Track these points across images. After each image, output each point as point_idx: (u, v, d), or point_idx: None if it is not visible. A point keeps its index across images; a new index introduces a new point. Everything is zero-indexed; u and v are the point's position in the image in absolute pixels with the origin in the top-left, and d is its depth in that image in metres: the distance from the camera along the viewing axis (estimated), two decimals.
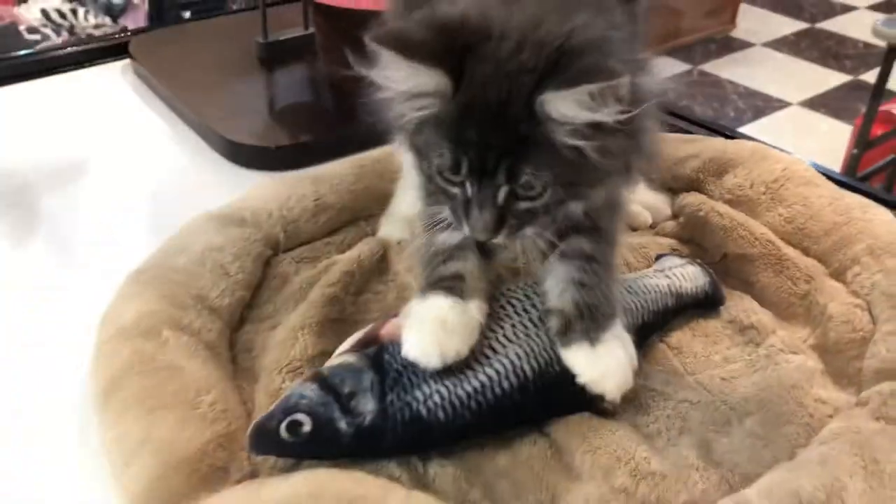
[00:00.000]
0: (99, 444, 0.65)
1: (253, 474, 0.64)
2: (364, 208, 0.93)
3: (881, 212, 0.86)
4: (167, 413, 0.64)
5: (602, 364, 0.67)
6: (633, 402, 0.71)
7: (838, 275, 0.83)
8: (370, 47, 0.55)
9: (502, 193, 0.59)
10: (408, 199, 0.86)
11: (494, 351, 0.67)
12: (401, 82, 0.57)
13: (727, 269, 0.87)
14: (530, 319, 0.69)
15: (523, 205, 0.60)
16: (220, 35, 1.33)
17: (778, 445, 0.67)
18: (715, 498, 0.62)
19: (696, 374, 0.76)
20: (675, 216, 0.95)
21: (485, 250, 0.71)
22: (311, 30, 1.25)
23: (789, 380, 0.72)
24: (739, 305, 0.82)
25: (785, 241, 0.87)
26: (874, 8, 4.57)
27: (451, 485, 0.64)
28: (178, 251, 0.79)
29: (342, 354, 0.67)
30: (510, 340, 0.67)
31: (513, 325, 0.68)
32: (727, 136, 1.06)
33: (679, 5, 3.93)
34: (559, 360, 0.67)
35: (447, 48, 0.56)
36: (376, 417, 0.63)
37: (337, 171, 0.93)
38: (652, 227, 0.95)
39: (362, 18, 0.60)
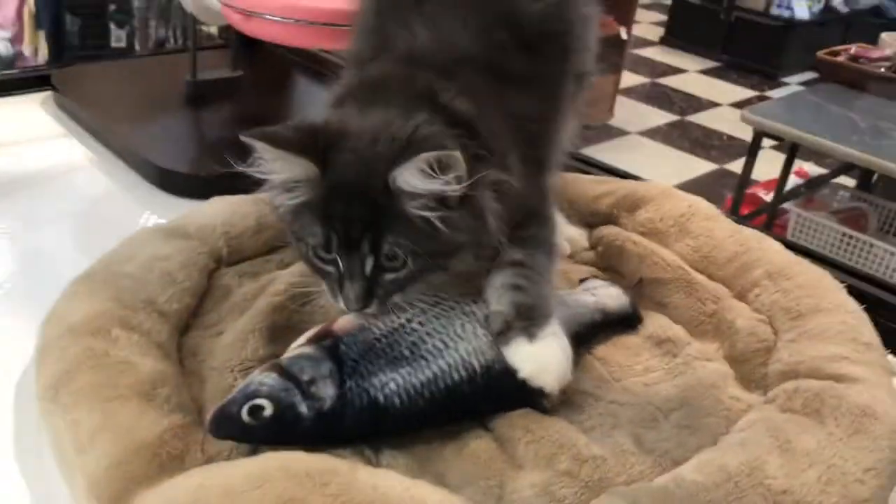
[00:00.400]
0: (49, 432, 0.64)
1: (208, 462, 0.64)
2: None
3: (773, 243, 0.96)
4: (125, 402, 0.64)
5: (541, 359, 0.73)
6: (567, 403, 0.76)
7: (741, 296, 0.92)
8: (247, 143, 0.64)
9: (368, 265, 0.67)
10: None
11: (446, 346, 0.71)
12: (275, 172, 0.66)
13: (642, 293, 0.94)
14: (478, 320, 0.74)
15: (389, 276, 0.68)
16: (148, 73, 1.35)
17: (702, 433, 0.73)
18: (651, 477, 0.67)
19: (621, 380, 0.82)
20: (593, 247, 1.03)
21: None
22: (239, 72, 1.29)
23: (707, 380, 0.79)
24: (655, 323, 0.90)
25: (693, 267, 0.95)
26: (736, 105, 5.02)
27: (403, 473, 0.66)
28: (125, 259, 0.80)
29: (298, 348, 0.70)
30: (460, 338, 0.72)
31: (462, 325, 0.73)
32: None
33: None
34: (503, 358, 0.72)
35: (313, 142, 0.66)
36: (336, 402, 0.66)
37: None
38: (571, 256, 1.03)
39: (288, 64, 0.67)
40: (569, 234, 1.04)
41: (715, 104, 5.12)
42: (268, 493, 0.56)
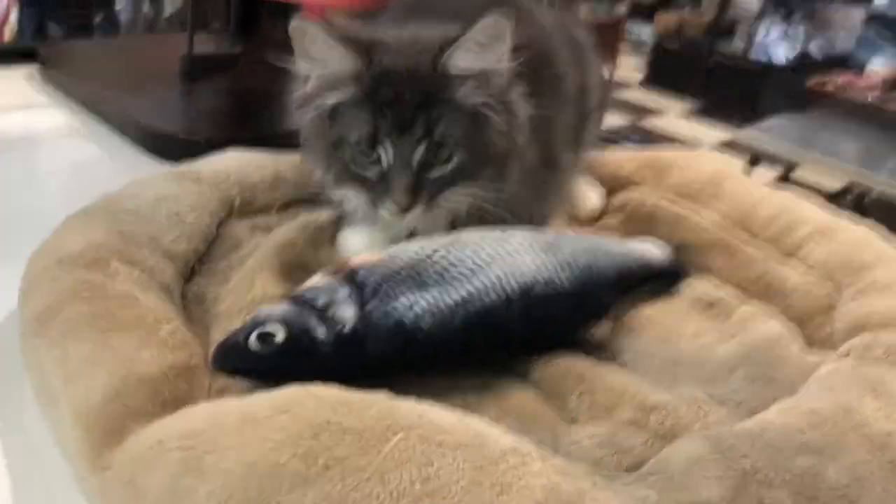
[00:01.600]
0: (31, 371, 0.55)
1: None
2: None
3: (808, 203, 0.90)
4: (124, 333, 0.55)
5: None
6: (617, 360, 0.68)
7: (789, 255, 0.85)
8: (296, 34, 0.64)
9: (418, 154, 0.66)
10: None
11: (478, 268, 0.63)
12: (320, 64, 0.66)
13: (681, 258, 0.87)
14: (509, 248, 0.66)
15: (434, 172, 0.67)
16: (142, 50, 1.28)
17: (777, 385, 0.65)
18: (730, 425, 0.59)
19: (671, 343, 0.74)
20: (615, 211, 0.96)
21: None
22: (238, 49, 1.22)
23: (770, 336, 0.72)
24: (700, 287, 0.82)
25: (732, 228, 0.89)
26: (717, 146, 5.02)
27: None
28: (128, 196, 0.72)
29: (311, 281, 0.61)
30: (490, 261, 0.64)
31: (494, 248, 0.65)
32: None
33: None
34: (543, 283, 0.65)
35: (357, 39, 0.66)
36: (357, 323, 0.57)
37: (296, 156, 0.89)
38: (590, 221, 0.95)
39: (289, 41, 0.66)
40: (582, 193, 0.97)
41: (696, 144, 5.14)
42: (298, 416, 0.46)
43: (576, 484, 0.47)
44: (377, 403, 0.48)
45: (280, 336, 0.55)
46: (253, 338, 0.54)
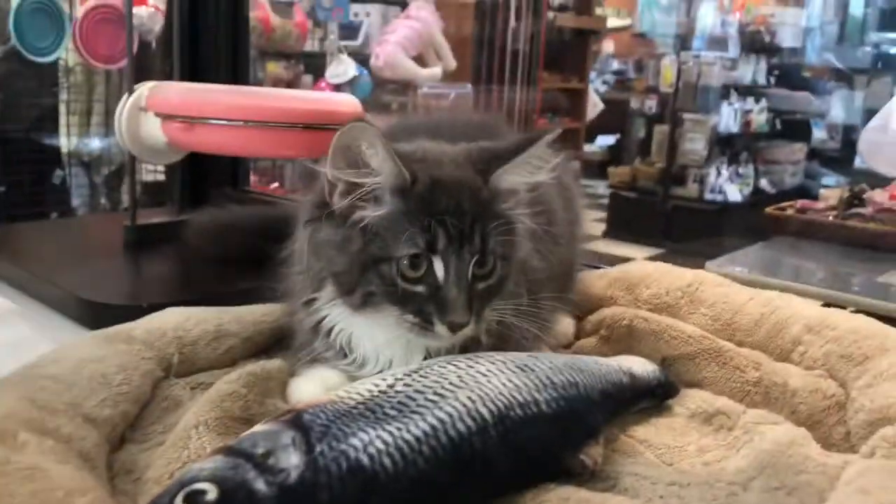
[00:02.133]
0: None
1: None
2: (270, 344, 0.81)
3: (798, 299, 0.84)
4: None
5: None
6: (615, 489, 0.60)
7: (783, 358, 0.78)
8: (352, 135, 0.61)
9: (472, 266, 0.63)
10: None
11: (442, 396, 0.55)
12: (364, 174, 0.62)
13: (668, 373, 0.80)
14: (478, 371, 0.59)
15: (481, 284, 0.65)
16: (85, 227, 1.23)
17: (802, 492, 0.56)
18: None
19: (674, 463, 0.66)
20: (591, 333, 0.89)
21: None
22: (184, 216, 1.18)
23: (781, 442, 0.63)
24: (696, 399, 0.75)
25: (716, 337, 0.82)
26: None
27: None
28: (49, 362, 0.64)
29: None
30: (458, 386, 0.57)
31: (458, 376, 0.58)
32: None
33: None
34: (520, 405, 0.57)
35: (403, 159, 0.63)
36: (305, 471, 0.48)
37: (243, 308, 0.82)
38: (566, 348, 0.88)
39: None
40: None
41: None
42: None
43: None
44: None
45: (212, 495, 0.46)
46: (179, 499, 0.45)
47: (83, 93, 2.30)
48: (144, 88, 1.08)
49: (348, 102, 1.00)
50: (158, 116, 0.99)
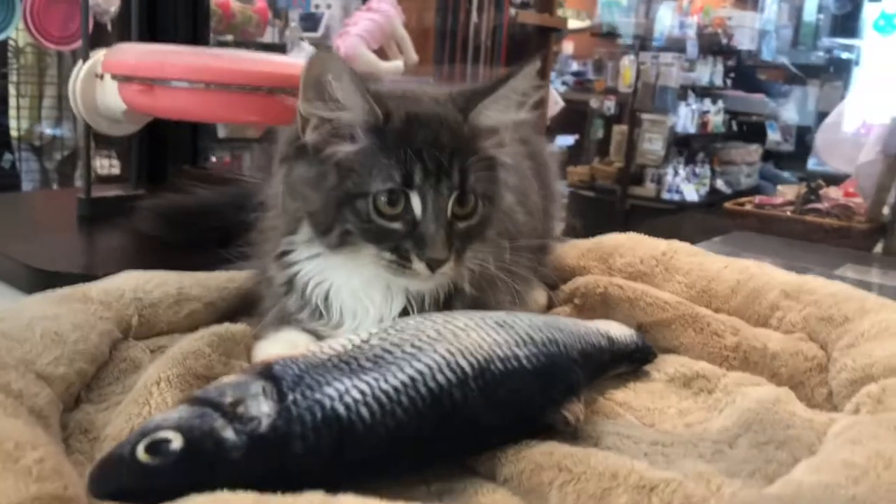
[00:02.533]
0: None
1: None
2: (233, 311, 0.77)
3: (772, 267, 0.83)
4: None
5: None
6: (598, 446, 0.57)
7: (761, 324, 0.77)
8: (317, 66, 0.59)
9: (451, 202, 0.61)
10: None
11: (420, 349, 0.53)
12: (335, 107, 0.60)
13: (645, 339, 0.78)
14: (455, 326, 0.57)
15: (461, 224, 0.63)
16: (38, 202, 1.17)
17: (791, 445, 0.55)
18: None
19: (655, 424, 0.64)
20: (566, 301, 0.87)
21: None
22: (140, 190, 1.13)
23: (766, 399, 0.62)
24: (673, 364, 0.73)
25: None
26: None
27: None
28: None
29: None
30: (436, 339, 0.54)
31: (436, 329, 0.56)
32: None
33: None
34: (501, 360, 0.55)
35: (374, 91, 0.62)
36: (277, 420, 0.45)
37: (206, 273, 0.78)
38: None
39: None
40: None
41: None
42: None
43: None
44: (306, 498, 0.36)
45: (177, 443, 0.43)
46: (141, 448, 0.42)
47: (34, 75, 2.22)
48: (100, 53, 1.03)
49: None
50: (116, 79, 0.95)
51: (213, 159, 2.38)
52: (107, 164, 2.24)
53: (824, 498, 0.42)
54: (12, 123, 2.21)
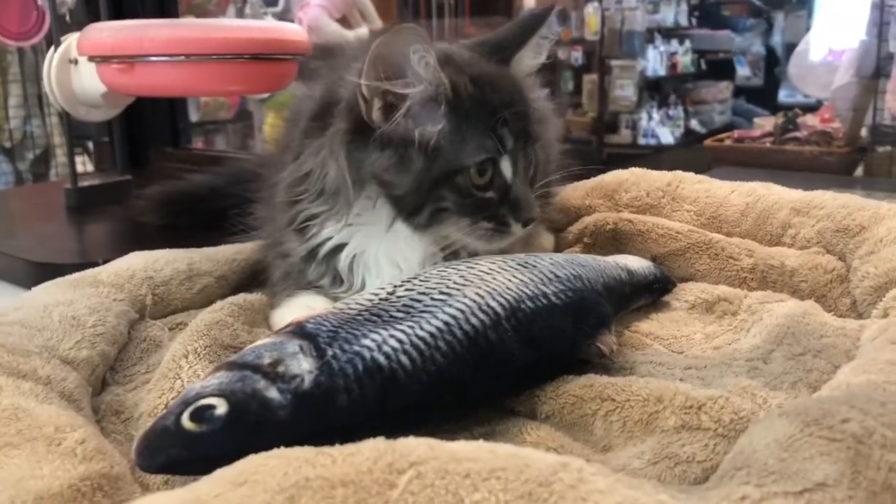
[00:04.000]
0: None
1: None
2: (243, 283, 0.76)
3: (778, 186, 0.83)
4: (12, 449, 0.41)
5: None
6: (633, 376, 0.57)
7: (774, 243, 0.77)
8: (397, 41, 0.55)
9: (531, 156, 0.63)
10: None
11: (449, 294, 0.52)
12: (410, 84, 0.57)
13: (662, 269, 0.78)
14: (480, 270, 0.56)
15: (531, 172, 0.65)
16: (23, 197, 1.15)
17: (829, 353, 0.55)
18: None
19: (684, 351, 0.64)
20: (575, 241, 0.86)
21: None
22: (128, 176, 1.11)
23: (794, 313, 0.62)
24: (693, 291, 0.73)
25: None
26: None
27: None
28: (12, 310, 0.58)
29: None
30: (463, 284, 0.54)
31: (461, 275, 0.55)
32: None
33: None
34: (530, 298, 0.54)
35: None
36: (320, 375, 0.44)
37: (212, 248, 0.77)
38: None
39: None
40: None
41: None
42: (261, 484, 0.33)
43: (655, 497, 0.35)
44: (369, 445, 0.35)
45: (222, 409, 0.42)
46: (186, 417, 0.41)
47: None
48: (72, 38, 1.00)
49: (295, 30, 0.95)
50: (93, 61, 0.92)
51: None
52: (79, 161, 2.20)
53: (877, 395, 0.42)
54: None
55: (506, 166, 0.60)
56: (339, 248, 0.63)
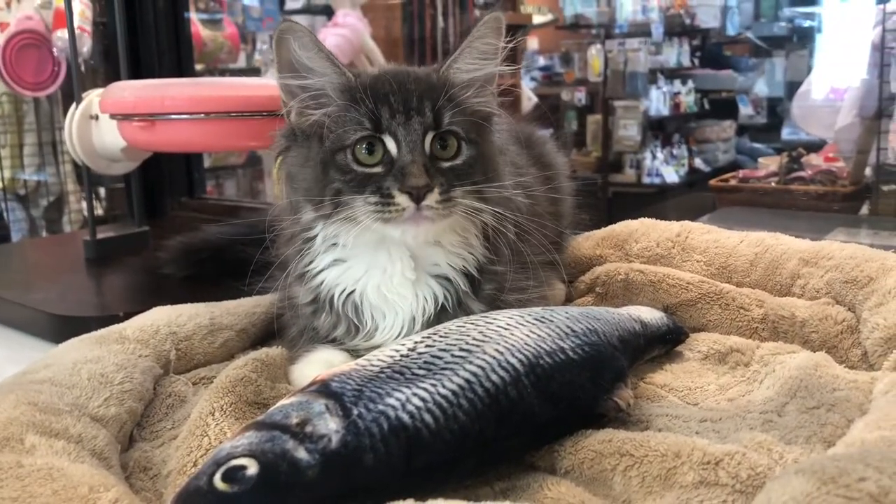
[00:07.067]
0: None
1: None
2: (263, 336, 0.77)
3: (787, 237, 0.84)
4: None
5: None
6: (649, 429, 0.58)
7: (784, 294, 0.78)
8: (283, 37, 0.63)
9: (428, 139, 0.63)
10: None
11: (469, 351, 0.54)
12: (305, 75, 0.65)
13: (675, 319, 0.79)
14: (498, 325, 0.58)
15: (445, 164, 0.64)
16: (43, 248, 1.17)
17: (842, 407, 0.56)
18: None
19: (699, 403, 0.65)
20: (586, 292, 0.88)
21: None
22: (145, 227, 1.13)
23: (806, 365, 0.63)
24: (705, 342, 0.74)
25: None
26: None
27: None
28: (41, 368, 0.60)
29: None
30: (482, 341, 0.55)
31: (480, 331, 0.57)
32: None
33: None
34: (548, 353, 0.55)
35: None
36: (346, 435, 0.46)
37: (231, 301, 0.79)
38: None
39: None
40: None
41: None
42: None
43: None
44: None
45: (252, 469, 0.43)
46: (218, 477, 0.42)
47: (13, 124, 2.21)
48: (93, 95, 1.03)
49: None
50: (115, 118, 0.94)
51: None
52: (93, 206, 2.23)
53: (891, 453, 0.43)
54: None
55: (390, 143, 0.63)
56: (338, 288, 0.67)
